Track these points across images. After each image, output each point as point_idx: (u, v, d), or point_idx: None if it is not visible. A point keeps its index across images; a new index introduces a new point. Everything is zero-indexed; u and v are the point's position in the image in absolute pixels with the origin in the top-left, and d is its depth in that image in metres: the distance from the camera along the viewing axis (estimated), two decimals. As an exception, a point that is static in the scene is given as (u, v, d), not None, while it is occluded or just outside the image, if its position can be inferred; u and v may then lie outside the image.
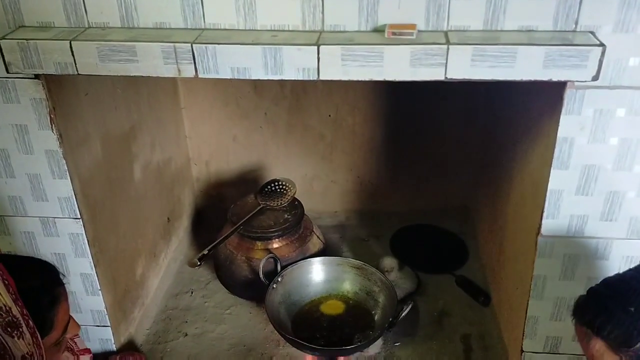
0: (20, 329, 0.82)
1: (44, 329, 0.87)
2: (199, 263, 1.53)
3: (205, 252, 1.54)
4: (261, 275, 1.54)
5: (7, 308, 0.81)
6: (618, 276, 0.90)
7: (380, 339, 1.48)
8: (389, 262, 1.74)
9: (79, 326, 1.02)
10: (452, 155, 1.89)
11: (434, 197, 1.96)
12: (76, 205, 1.22)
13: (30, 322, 0.84)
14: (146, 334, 1.55)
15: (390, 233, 1.90)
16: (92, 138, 1.29)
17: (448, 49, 0.93)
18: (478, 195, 1.85)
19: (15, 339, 0.81)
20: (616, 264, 1.16)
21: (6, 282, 0.82)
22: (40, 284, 0.90)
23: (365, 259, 1.62)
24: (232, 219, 1.65)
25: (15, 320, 0.81)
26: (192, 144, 1.93)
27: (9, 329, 0.81)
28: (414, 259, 1.78)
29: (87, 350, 1.31)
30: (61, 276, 0.95)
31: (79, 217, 1.23)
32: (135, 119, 1.50)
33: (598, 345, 0.86)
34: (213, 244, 1.56)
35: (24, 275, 0.87)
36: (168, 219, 1.75)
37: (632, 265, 0.91)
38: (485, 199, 1.75)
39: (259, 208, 1.66)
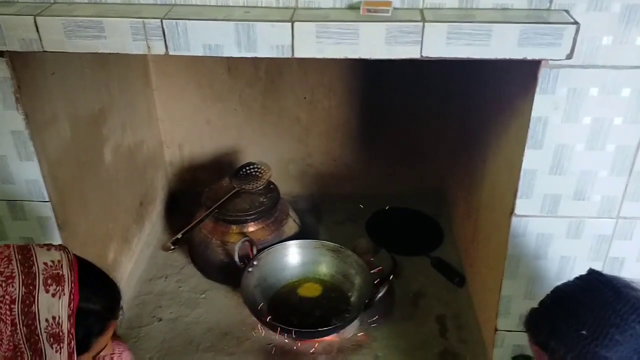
0: (61, 344, 0.82)
1: (79, 350, 0.86)
2: (172, 247, 1.52)
3: (179, 236, 1.53)
4: (236, 259, 1.52)
5: (60, 320, 0.81)
6: (568, 290, 0.88)
7: (356, 320, 1.49)
8: (365, 244, 1.75)
9: (112, 346, 1.01)
10: (427, 137, 1.89)
11: (409, 179, 1.97)
12: (44, 188, 1.18)
13: (73, 343, 0.83)
14: (120, 319, 1.52)
15: (366, 216, 1.90)
16: (60, 119, 1.25)
17: (423, 26, 0.92)
18: (453, 178, 1.86)
19: (54, 351, 0.82)
20: (588, 242, 1.17)
21: (72, 296, 0.82)
22: (99, 310, 0.88)
23: (341, 242, 1.63)
24: (206, 202, 1.63)
25: (61, 334, 0.82)
26: (164, 127, 1.89)
27: (51, 339, 0.81)
28: (389, 241, 1.78)
29: None
30: (120, 310, 0.95)
31: (48, 200, 1.19)
32: (105, 100, 1.46)
33: None
34: (187, 228, 1.54)
35: (90, 295, 0.86)
36: (141, 203, 1.72)
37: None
38: (460, 181, 1.76)
39: (234, 191, 1.64)
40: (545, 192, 1.12)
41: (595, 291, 0.85)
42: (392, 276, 1.64)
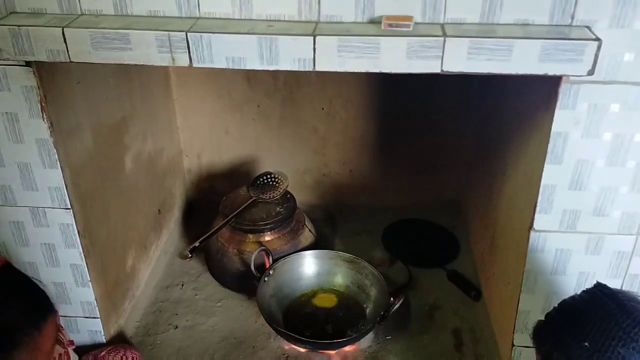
0: None
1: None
2: (190, 255, 1.52)
3: (197, 244, 1.53)
4: (253, 268, 1.53)
5: None
6: (574, 302, 0.90)
7: (371, 332, 1.48)
8: (380, 255, 1.75)
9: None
10: (444, 149, 1.89)
11: (426, 191, 1.97)
12: (67, 195, 1.20)
13: None
14: (136, 326, 1.54)
15: (382, 227, 1.90)
16: (83, 128, 1.27)
17: (444, 41, 0.93)
18: (470, 190, 1.85)
19: None
20: (607, 259, 1.16)
21: None
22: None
23: (356, 253, 1.62)
24: (223, 211, 1.64)
25: None
26: (184, 136, 1.91)
27: None
28: (405, 253, 1.78)
29: (72, 342, 1.29)
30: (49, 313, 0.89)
31: (70, 207, 1.22)
32: (127, 109, 1.49)
33: None
34: (205, 236, 1.55)
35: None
36: (159, 210, 1.73)
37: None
38: (477, 194, 1.75)
39: (251, 201, 1.65)
40: (565, 208, 1.12)
41: (599, 304, 0.86)
42: (407, 288, 1.64)
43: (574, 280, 1.19)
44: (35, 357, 0.84)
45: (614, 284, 1.17)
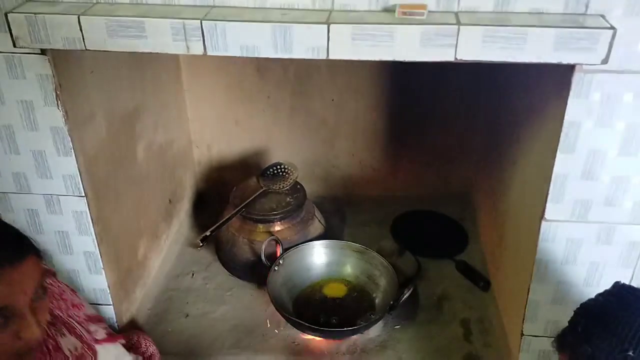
0: None
1: None
2: (201, 244, 1.54)
3: (208, 233, 1.55)
4: (263, 258, 1.54)
5: None
6: (601, 306, 0.86)
7: (380, 321, 1.49)
8: (390, 246, 1.76)
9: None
10: (454, 141, 1.89)
11: (435, 183, 1.97)
12: (80, 183, 1.21)
13: None
14: (147, 314, 1.56)
15: (391, 218, 1.90)
16: (97, 116, 1.28)
17: (459, 29, 0.93)
18: (480, 181, 1.85)
19: None
20: (618, 249, 1.16)
21: None
22: None
23: (366, 244, 1.63)
24: (234, 201, 1.65)
25: None
26: (194, 127, 1.92)
27: None
28: (414, 244, 1.79)
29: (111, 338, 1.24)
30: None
31: (84, 195, 1.23)
32: (139, 99, 1.50)
33: None
34: (216, 226, 1.56)
35: None
36: (170, 200, 1.75)
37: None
38: (487, 185, 1.75)
39: (261, 191, 1.66)
40: (576, 197, 1.12)
41: (632, 306, 0.84)
42: (416, 278, 1.64)
43: (585, 270, 1.20)
44: (6, 289, 0.83)
45: (624, 274, 1.19)
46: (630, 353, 0.80)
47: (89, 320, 1.18)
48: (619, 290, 0.88)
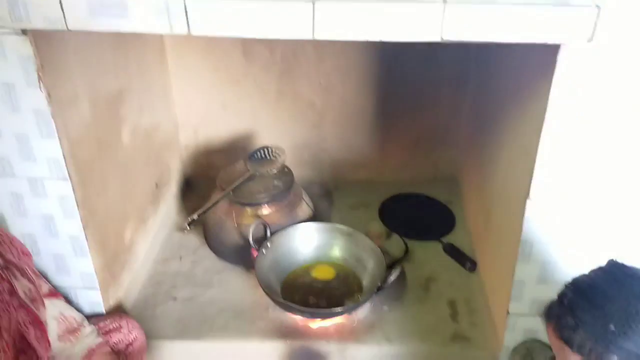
0: None
1: None
2: (188, 227, 1.53)
3: (195, 216, 1.54)
4: (251, 241, 1.54)
5: None
6: (591, 282, 0.88)
7: (368, 303, 1.50)
8: (377, 229, 1.76)
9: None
10: (442, 124, 1.90)
11: (423, 166, 1.98)
12: (65, 167, 1.20)
13: None
14: (135, 298, 1.55)
15: (379, 201, 1.91)
16: (80, 98, 1.26)
17: (444, 9, 0.92)
18: (467, 164, 1.86)
19: None
20: (605, 227, 1.18)
21: None
22: None
23: (354, 227, 1.64)
24: (221, 184, 1.65)
25: None
26: (180, 110, 1.90)
27: None
28: (402, 226, 1.80)
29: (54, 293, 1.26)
30: None
31: (68, 178, 1.21)
32: (123, 81, 1.48)
33: None
34: (203, 209, 1.56)
35: None
36: (156, 184, 1.74)
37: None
38: (474, 168, 1.76)
39: (248, 174, 1.65)
40: (563, 176, 1.12)
41: (621, 283, 0.85)
42: (403, 260, 1.65)
43: (571, 249, 1.21)
44: None
45: (610, 254, 1.20)
46: (612, 327, 0.81)
47: (35, 274, 1.19)
48: (611, 267, 0.89)
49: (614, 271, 0.88)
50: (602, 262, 0.91)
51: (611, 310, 0.82)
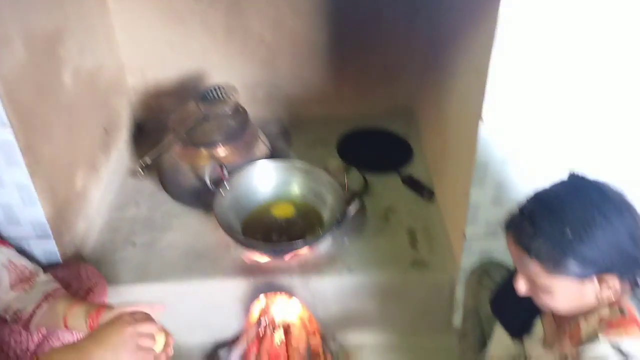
0: None
1: None
2: (141, 171, 1.49)
3: (148, 160, 1.50)
4: (208, 182, 1.52)
5: None
6: (551, 193, 0.89)
7: (329, 236, 1.51)
8: (336, 164, 1.76)
9: None
10: (396, 56, 1.87)
11: (379, 100, 1.96)
12: (3, 110, 1.14)
13: None
14: (93, 246, 1.52)
15: (337, 137, 1.90)
16: (12, 38, 1.18)
17: None
18: (423, 95, 1.86)
19: None
20: (558, 145, 1.20)
21: None
22: None
23: (312, 164, 1.63)
24: (173, 127, 1.60)
25: None
26: (125, 51, 1.82)
27: None
28: (360, 161, 1.80)
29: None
30: None
31: (8, 123, 1.15)
32: (59, 20, 1.39)
33: (533, 267, 0.87)
34: (156, 152, 1.52)
35: None
36: (105, 130, 1.67)
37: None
38: (430, 98, 1.76)
39: (201, 115, 1.61)
40: (514, 97, 1.13)
41: (579, 192, 0.87)
42: (363, 194, 1.67)
43: (525, 170, 1.23)
44: None
45: (562, 173, 1.22)
46: (569, 233, 0.83)
47: None
48: (571, 179, 0.91)
49: (573, 181, 0.90)
50: (556, 181, 0.92)
51: (568, 217, 0.84)
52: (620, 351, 0.83)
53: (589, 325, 0.90)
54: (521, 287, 0.93)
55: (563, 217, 0.85)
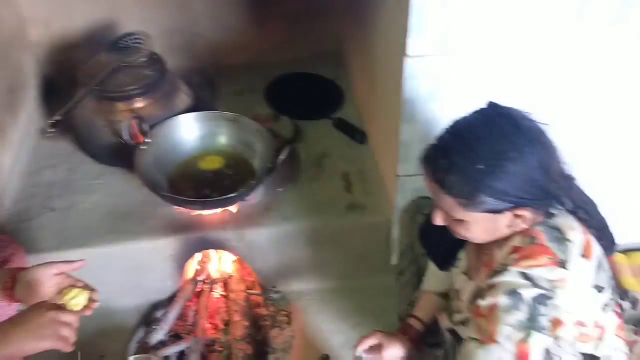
0: None
1: None
2: (51, 130, 1.38)
3: (58, 117, 1.39)
4: (126, 138, 1.43)
5: None
6: (466, 125, 0.88)
7: (262, 186, 1.47)
8: (265, 112, 1.70)
9: None
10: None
11: (305, 43, 1.89)
12: None
13: None
14: (7, 214, 1.42)
15: (264, 84, 1.82)
16: None
17: None
18: (350, 36, 1.80)
19: None
20: (479, 76, 1.18)
21: None
22: None
23: (240, 113, 1.56)
24: (84, 81, 1.49)
25: None
26: (25, 2, 1.65)
27: None
28: (290, 107, 1.74)
29: None
30: None
31: None
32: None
33: (449, 201, 0.87)
34: (65, 108, 1.41)
35: None
36: (9, 89, 1.54)
37: None
38: (357, 38, 1.70)
39: (113, 66, 1.49)
40: (437, 29, 1.09)
41: (493, 124, 0.85)
42: (294, 140, 1.62)
43: (450, 103, 1.21)
44: None
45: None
46: (481, 167, 0.82)
47: None
48: (489, 110, 0.89)
49: (488, 112, 0.88)
50: (472, 110, 0.90)
51: (481, 151, 0.83)
52: (528, 278, 0.85)
53: (502, 254, 0.91)
54: (438, 220, 0.93)
55: (477, 152, 0.83)
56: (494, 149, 0.83)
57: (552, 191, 0.87)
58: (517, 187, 0.84)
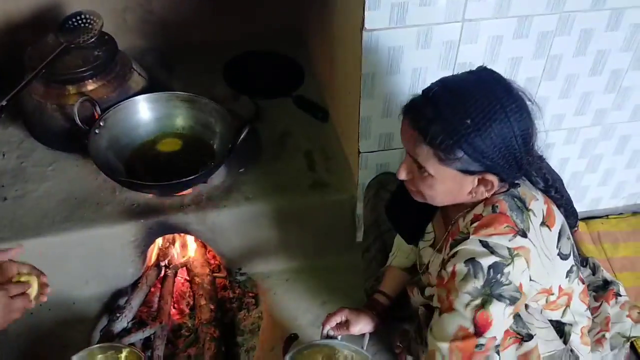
0: None
1: None
2: (-2, 116, 1.32)
3: (4, 103, 1.33)
4: (78, 122, 1.37)
5: None
6: (459, 81, 0.87)
7: (223, 168, 1.44)
8: (223, 92, 1.66)
9: None
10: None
11: (263, 20, 1.84)
12: None
13: None
14: None
15: (223, 63, 1.78)
16: None
17: None
18: (308, 12, 1.76)
19: None
20: (437, 51, 1.17)
21: None
22: None
23: (198, 93, 1.52)
24: (31, 63, 1.42)
25: None
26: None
27: None
28: (250, 86, 1.70)
29: None
30: None
31: None
32: None
33: (425, 152, 0.86)
34: (11, 94, 1.34)
35: None
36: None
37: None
38: (315, 14, 1.67)
39: (61, 47, 1.43)
40: (393, 1, 1.08)
41: (487, 85, 0.85)
42: (254, 119, 1.59)
43: (409, 77, 1.20)
44: None
45: (444, 74, 1.21)
46: (468, 122, 0.82)
47: None
48: (480, 71, 0.89)
49: (482, 75, 0.88)
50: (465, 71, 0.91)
51: (472, 107, 0.83)
52: (487, 246, 0.85)
53: (465, 224, 0.91)
54: (402, 174, 0.92)
55: (466, 105, 0.83)
56: (484, 107, 0.83)
57: (523, 165, 0.87)
58: (495, 150, 0.84)
